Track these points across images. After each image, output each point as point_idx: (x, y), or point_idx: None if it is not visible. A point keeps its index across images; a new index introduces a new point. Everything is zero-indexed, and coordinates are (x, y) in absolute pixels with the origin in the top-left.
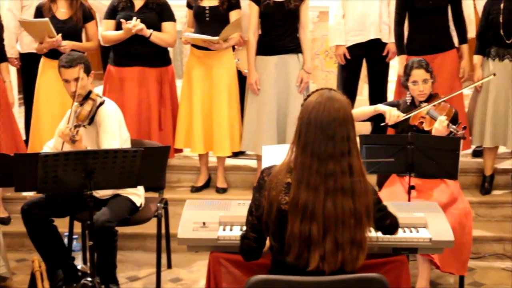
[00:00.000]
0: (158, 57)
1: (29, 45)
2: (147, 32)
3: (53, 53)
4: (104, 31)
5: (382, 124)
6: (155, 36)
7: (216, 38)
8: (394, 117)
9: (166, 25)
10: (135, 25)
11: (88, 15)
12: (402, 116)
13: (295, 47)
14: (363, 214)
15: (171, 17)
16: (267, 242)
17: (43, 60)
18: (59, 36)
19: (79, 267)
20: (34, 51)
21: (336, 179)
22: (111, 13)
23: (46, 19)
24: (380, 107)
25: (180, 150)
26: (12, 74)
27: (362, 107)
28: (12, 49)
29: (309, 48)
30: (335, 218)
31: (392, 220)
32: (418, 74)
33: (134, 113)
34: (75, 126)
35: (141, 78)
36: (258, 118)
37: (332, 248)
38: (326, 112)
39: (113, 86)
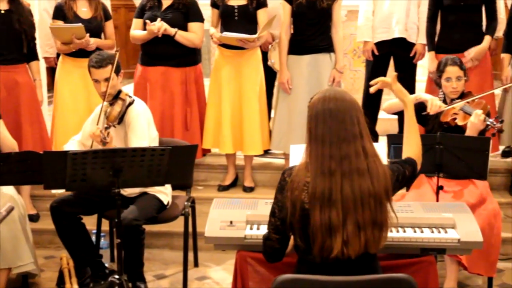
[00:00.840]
0: (183, 57)
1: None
2: (172, 31)
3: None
4: (133, 29)
5: (424, 113)
6: (179, 35)
7: (253, 36)
8: (436, 107)
9: (192, 25)
10: (159, 28)
11: (107, 14)
12: (444, 107)
13: (327, 46)
14: (382, 194)
15: (198, 18)
16: (291, 242)
17: (62, 58)
18: (87, 37)
19: (106, 264)
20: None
21: (351, 161)
22: (140, 12)
23: (81, 24)
24: (422, 95)
25: (208, 151)
26: (42, 72)
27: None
28: (51, 48)
29: (342, 47)
30: (353, 199)
31: (409, 167)
32: (452, 71)
33: (157, 113)
34: (106, 128)
35: (165, 78)
36: (289, 118)
37: (353, 230)
38: (333, 102)
39: (140, 85)
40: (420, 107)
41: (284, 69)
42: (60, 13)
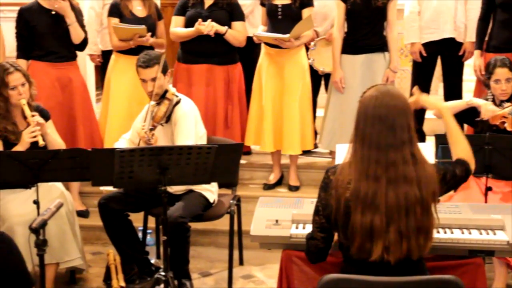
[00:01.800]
0: (226, 55)
1: (109, 42)
2: (223, 29)
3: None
4: (173, 27)
5: (477, 119)
6: (229, 34)
7: (286, 36)
8: (489, 112)
9: (236, 24)
10: (210, 29)
11: (159, 14)
12: (497, 111)
13: (381, 46)
14: (430, 201)
15: (241, 17)
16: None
17: (115, 56)
18: (149, 36)
19: (152, 261)
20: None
21: (398, 168)
22: (181, 10)
23: (144, 26)
24: (475, 101)
25: (247, 148)
26: (90, 71)
27: (452, 101)
28: (95, 46)
29: (396, 47)
30: (397, 207)
31: (460, 167)
32: (501, 72)
33: (201, 110)
34: (151, 129)
35: (209, 75)
36: (341, 117)
37: (396, 238)
38: (384, 104)
39: (182, 83)
40: (472, 111)
41: (338, 68)
42: (116, 11)
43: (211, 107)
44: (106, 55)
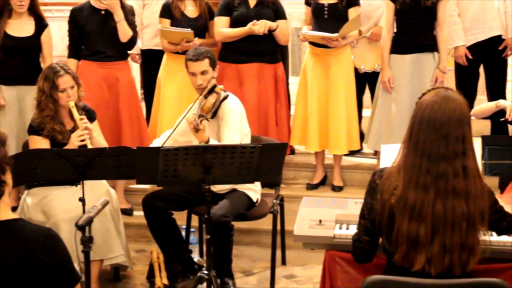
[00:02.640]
0: (274, 53)
1: (149, 41)
2: (274, 25)
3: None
4: (219, 28)
5: (502, 119)
6: (279, 30)
7: (335, 35)
8: None
9: (281, 22)
10: (264, 29)
11: (212, 13)
12: None
13: (430, 46)
14: (477, 218)
15: (284, 15)
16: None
17: (167, 55)
18: (196, 40)
19: (195, 260)
20: (154, 47)
21: (448, 181)
22: (225, 10)
23: (191, 30)
24: (502, 102)
25: (291, 148)
26: (135, 70)
27: (484, 103)
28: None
29: (446, 47)
30: (444, 220)
31: (509, 222)
32: None
33: (254, 109)
34: (199, 116)
35: (260, 74)
36: (389, 117)
37: (439, 251)
38: (441, 111)
39: (232, 83)
40: (501, 114)
41: (386, 68)
42: (167, 12)
43: (264, 106)
44: (145, 54)
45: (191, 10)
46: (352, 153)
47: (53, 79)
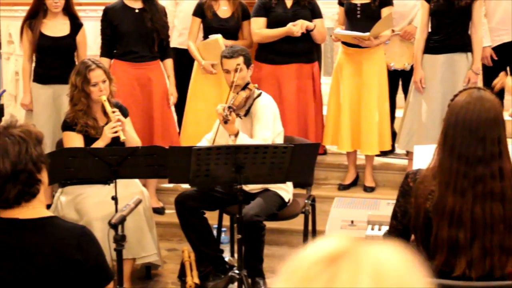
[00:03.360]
0: (311, 53)
1: (175, 40)
2: (312, 25)
3: None
4: (256, 29)
5: None
6: (317, 30)
7: (366, 34)
8: None
9: (317, 21)
10: (302, 29)
11: (246, 13)
12: None
13: (463, 46)
14: None
15: (320, 14)
16: None
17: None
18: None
19: (227, 259)
20: (180, 46)
21: (486, 184)
22: (262, 11)
23: (218, 35)
24: None
25: (323, 147)
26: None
27: None
28: None
29: (480, 48)
30: (483, 223)
31: None
32: None
33: (294, 110)
34: (229, 108)
35: (298, 75)
36: (420, 118)
37: (479, 254)
38: (476, 113)
39: (268, 84)
40: None
41: (418, 68)
42: (200, 11)
43: (302, 107)
44: (173, 53)
45: (224, 10)
46: (384, 153)
47: (85, 73)
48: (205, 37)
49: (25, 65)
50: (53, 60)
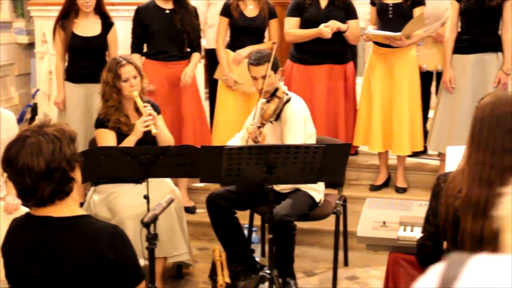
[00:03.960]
0: (343, 54)
1: (213, 41)
2: (344, 26)
3: (235, 48)
4: (288, 28)
5: None
6: (350, 32)
7: (398, 34)
8: None
9: (352, 22)
10: (332, 31)
11: (272, 12)
12: None
13: (494, 46)
14: None
15: (355, 15)
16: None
17: (226, 54)
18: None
19: (257, 259)
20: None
21: None
22: (296, 10)
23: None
24: None
25: (356, 147)
26: (199, 69)
27: None
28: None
29: (510, 48)
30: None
31: None
32: None
33: (323, 111)
34: (258, 127)
35: (329, 76)
36: (450, 118)
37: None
38: (502, 106)
39: (299, 84)
40: None
41: (448, 68)
42: (227, 10)
43: (333, 108)
44: (209, 54)
45: (251, 9)
46: (416, 154)
47: (116, 69)
48: (232, 36)
49: (58, 65)
50: (84, 60)
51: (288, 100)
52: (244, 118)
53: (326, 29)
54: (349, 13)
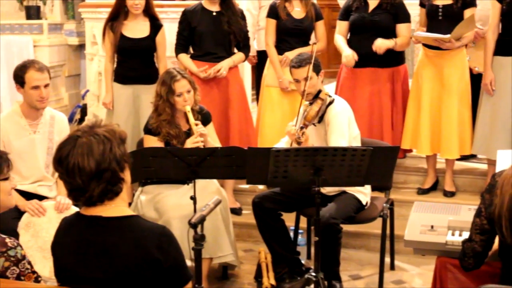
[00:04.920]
0: (391, 57)
1: (264, 42)
2: (391, 44)
3: (282, 49)
4: (338, 32)
5: None
6: (399, 46)
7: (447, 36)
8: None
9: (401, 26)
10: (385, 48)
11: (319, 14)
12: None
13: None
14: None
15: (406, 18)
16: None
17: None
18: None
19: (303, 261)
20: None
21: None
22: (345, 14)
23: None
24: None
25: (410, 150)
26: (247, 70)
27: None
28: (251, 47)
29: None
30: None
31: None
32: None
33: (367, 114)
34: (301, 128)
35: (374, 78)
36: (492, 121)
37: None
38: None
39: (346, 86)
40: None
41: (488, 70)
42: (274, 12)
43: (377, 111)
44: (259, 55)
45: (298, 11)
46: (465, 157)
47: (170, 84)
48: (279, 38)
49: (107, 66)
50: (133, 61)
51: (331, 102)
52: (289, 119)
53: (349, 61)
54: (400, 17)
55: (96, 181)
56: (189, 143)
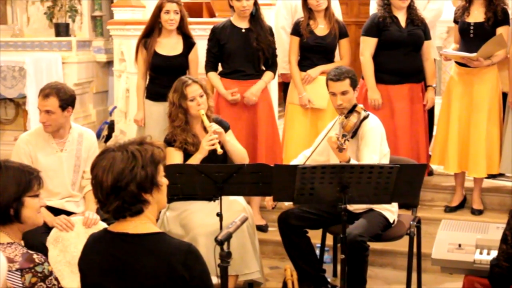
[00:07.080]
0: (422, 73)
1: None
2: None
3: (304, 66)
4: (365, 49)
5: None
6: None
7: (474, 55)
8: None
9: (428, 43)
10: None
11: (343, 31)
12: None
13: None
14: None
15: (430, 35)
16: None
17: None
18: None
19: (329, 279)
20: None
21: None
22: (373, 30)
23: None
24: None
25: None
26: (274, 87)
27: None
28: (287, 64)
29: None
30: None
31: None
32: None
33: (407, 131)
34: (343, 136)
35: (411, 95)
36: None
37: None
38: None
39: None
40: None
41: None
42: (297, 29)
43: (415, 128)
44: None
45: (321, 28)
46: (493, 176)
47: (182, 89)
48: (302, 55)
49: (139, 83)
50: (165, 78)
51: (365, 117)
52: (313, 134)
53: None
54: (426, 33)
55: (113, 197)
56: (204, 142)
